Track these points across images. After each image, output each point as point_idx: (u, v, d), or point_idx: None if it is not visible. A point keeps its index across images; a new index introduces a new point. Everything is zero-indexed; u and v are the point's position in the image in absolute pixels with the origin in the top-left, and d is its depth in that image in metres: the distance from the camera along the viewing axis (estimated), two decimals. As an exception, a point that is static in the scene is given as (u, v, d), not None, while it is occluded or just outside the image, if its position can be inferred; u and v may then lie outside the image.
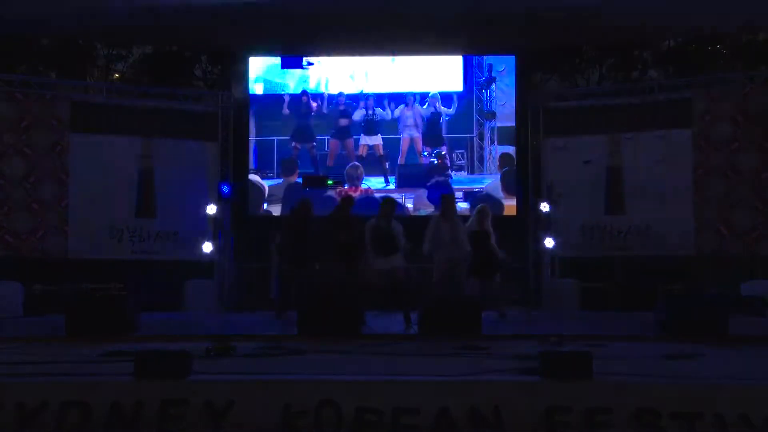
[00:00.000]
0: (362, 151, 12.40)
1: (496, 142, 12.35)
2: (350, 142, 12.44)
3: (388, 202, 8.34)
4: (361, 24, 11.18)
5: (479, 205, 9.20)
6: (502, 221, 11.77)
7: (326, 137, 12.48)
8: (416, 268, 9.59)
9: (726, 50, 19.09)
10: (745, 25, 12.64)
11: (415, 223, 9.09)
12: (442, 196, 8.97)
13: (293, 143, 12.47)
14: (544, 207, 11.68)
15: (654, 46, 19.08)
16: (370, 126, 12.39)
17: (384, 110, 12.39)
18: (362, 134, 12.44)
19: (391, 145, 12.42)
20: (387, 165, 12.43)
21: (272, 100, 12.63)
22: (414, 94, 12.41)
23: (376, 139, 12.40)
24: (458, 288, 8.53)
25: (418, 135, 12.40)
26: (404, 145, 12.42)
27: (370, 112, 12.38)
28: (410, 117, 12.37)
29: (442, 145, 12.40)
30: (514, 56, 12.43)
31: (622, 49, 18.70)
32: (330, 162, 12.43)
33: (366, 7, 10.58)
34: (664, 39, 17.75)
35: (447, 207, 8.57)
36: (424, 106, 12.37)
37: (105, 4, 10.38)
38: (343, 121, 12.43)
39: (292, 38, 11.86)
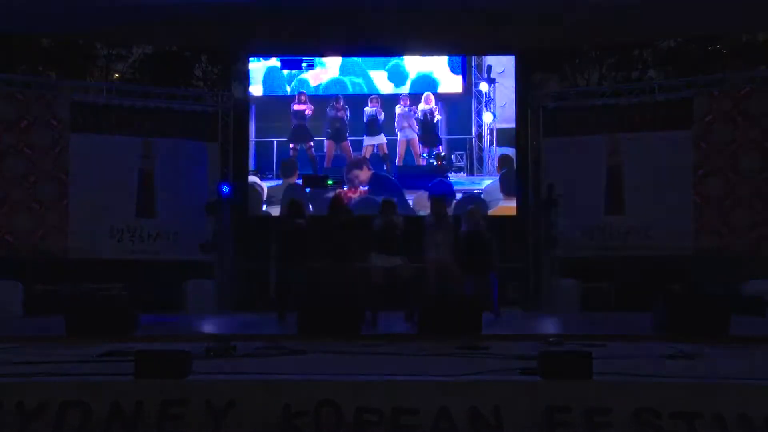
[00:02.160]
0: (367, 152, 12.33)
1: (495, 144, 12.33)
2: (346, 144, 12.38)
3: (389, 203, 8.42)
4: (362, 24, 11.18)
5: (470, 207, 9.25)
6: (502, 221, 11.82)
7: (323, 138, 12.45)
8: (414, 268, 9.62)
9: (726, 50, 19.11)
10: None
11: (415, 224, 9.09)
12: (432, 197, 9.02)
13: (291, 144, 12.44)
14: (544, 206, 11.67)
15: (654, 46, 19.12)
16: (373, 126, 12.34)
17: (384, 110, 12.35)
18: (365, 135, 12.37)
19: (389, 147, 12.38)
20: (390, 166, 12.35)
21: (272, 100, 12.62)
22: (409, 95, 12.36)
23: (380, 139, 12.34)
24: (449, 290, 8.60)
25: (414, 136, 12.36)
26: (401, 148, 12.37)
27: (374, 113, 12.32)
28: (405, 118, 12.33)
29: (439, 145, 12.35)
30: (514, 56, 12.41)
31: (622, 49, 18.74)
32: (327, 163, 12.39)
33: (366, 7, 10.58)
34: (664, 39, 17.78)
35: (437, 208, 8.63)
36: (419, 105, 12.32)
37: (105, 4, 10.39)
38: (337, 123, 12.36)
39: (292, 38, 11.85)
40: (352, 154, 12.35)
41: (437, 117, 12.31)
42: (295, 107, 12.40)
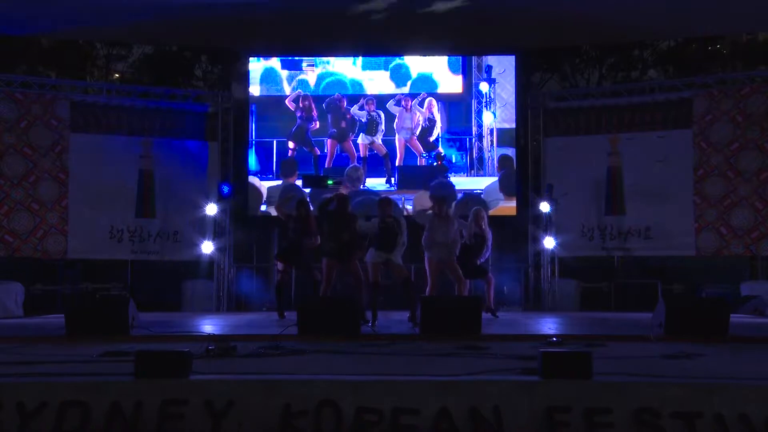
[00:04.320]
0: (363, 152, 12.37)
1: (495, 144, 12.33)
2: (349, 143, 12.40)
3: (386, 201, 8.45)
4: (362, 24, 11.19)
5: (474, 208, 9.27)
6: (502, 221, 11.83)
7: (324, 138, 12.44)
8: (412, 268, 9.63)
9: (726, 50, 19.14)
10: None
11: (415, 224, 9.08)
12: (433, 197, 9.04)
13: (290, 143, 12.42)
14: (544, 207, 11.68)
15: (654, 46, 19.14)
16: (371, 126, 12.35)
17: (384, 111, 12.36)
18: (362, 133, 12.39)
19: (389, 147, 12.41)
20: (390, 165, 12.39)
21: (272, 101, 12.61)
22: (410, 95, 12.37)
23: (376, 139, 12.36)
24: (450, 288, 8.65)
25: (411, 136, 12.35)
26: (400, 147, 12.39)
27: (373, 113, 12.34)
28: (407, 119, 12.34)
29: (435, 150, 12.33)
30: (514, 56, 12.42)
31: (622, 49, 18.76)
32: (329, 163, 12.40)
33: (366, 7, 10.58)
34: (664, 39, 17.80)
35: (440, 208, 8.64)
36: (423, 108, 12.34)
37: (105, 4, 10.39)
38: (343, 123, 12.39)
39: (292, 38, 11.87)
40: (355, 154, 12.38)
41: (438, 125, 12.30)
42: (292, 107, 12.41)
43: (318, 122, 12.41)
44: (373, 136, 12.33)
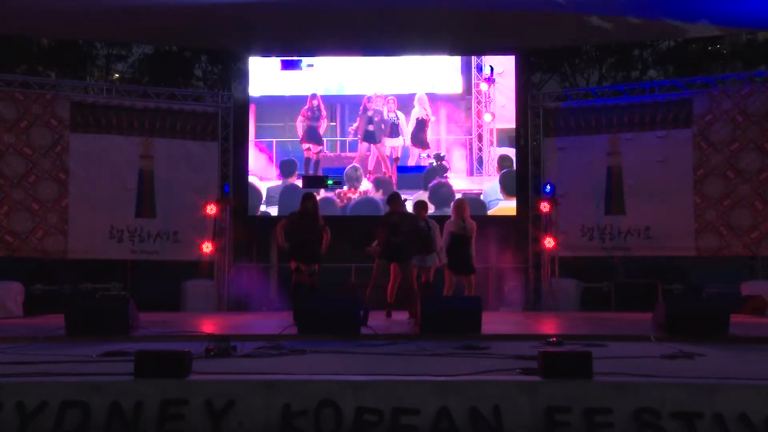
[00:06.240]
0: (391, 154, 12.36)
1: (495, 144, 12.32)
2: (382, 146, 12.39)
3: (422, 204, 8.54)
4: (362, 24, 11.18)
5: (456, 199, 9.28)
6: (502, 221, 11.84)
7: (335, 139, 12.42)
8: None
9: (726, 50, 19.14)
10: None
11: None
12: (415, 202, 9.02)
13: (306, 146, 12.39)
14: (544, 207, 11.68)
15: (654, 46, 19.14)
16: (393, 129, 12.37)
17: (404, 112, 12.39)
18: (385, 137, 12.36)
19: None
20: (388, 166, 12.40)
21: (272, 101, 12.61)
22: (397, 97, 12.37)
23: (399, 141, 12.38)
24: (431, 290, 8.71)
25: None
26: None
27: (392, 115, 12.33)
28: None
29: (427, 148, 12.36)
30: (514, 56, 12.42)
31: (622, 49, 18.76)
32: (371, 166, 12.35)
33: (366, 7, 10.58)
34: (664, 39, 17.80)
35: (420, 213, 8.64)
36: (415, 105, 12.34)
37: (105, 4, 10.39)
38: (371, 126, 12.36)
39: (292, 38, 11.87)
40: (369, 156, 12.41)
41: (430, 119, 12.30)
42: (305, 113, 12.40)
43: (326, 121, 12.40)
44: (396, 138, 12.33)
